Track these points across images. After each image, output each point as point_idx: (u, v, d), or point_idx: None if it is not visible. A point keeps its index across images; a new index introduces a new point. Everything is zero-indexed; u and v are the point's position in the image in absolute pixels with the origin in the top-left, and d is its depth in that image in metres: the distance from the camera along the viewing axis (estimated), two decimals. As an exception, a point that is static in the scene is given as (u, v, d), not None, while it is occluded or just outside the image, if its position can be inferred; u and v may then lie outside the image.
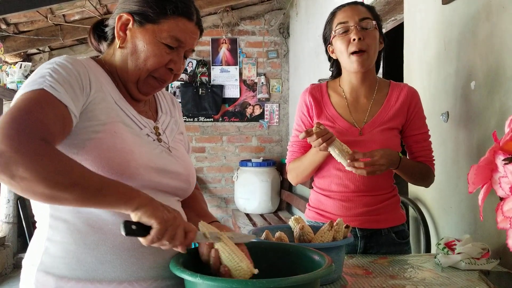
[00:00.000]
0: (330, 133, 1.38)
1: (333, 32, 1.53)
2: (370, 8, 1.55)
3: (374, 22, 1.50)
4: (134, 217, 0.85)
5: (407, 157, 1.61)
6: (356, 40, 1.46)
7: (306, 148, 1.60)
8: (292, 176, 1.64)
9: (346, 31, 1.49)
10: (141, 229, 0.85)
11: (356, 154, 1.37)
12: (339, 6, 1.56)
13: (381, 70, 2.42)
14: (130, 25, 1.04)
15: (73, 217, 0.94)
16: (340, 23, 1.50)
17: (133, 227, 0.84)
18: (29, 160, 0.78)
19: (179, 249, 0.90)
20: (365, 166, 1.37)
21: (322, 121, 1.57)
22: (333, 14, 1.56)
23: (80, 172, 0.83)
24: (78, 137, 0.93)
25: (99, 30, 1.13)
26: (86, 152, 0.92)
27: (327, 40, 1.59)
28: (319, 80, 1.74)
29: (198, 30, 1.09)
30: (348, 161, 1.37)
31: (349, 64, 1.51)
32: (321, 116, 1.58)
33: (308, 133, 1.37)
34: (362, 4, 1.55)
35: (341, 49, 1.51)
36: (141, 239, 0.86)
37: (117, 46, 1.05)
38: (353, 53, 1.48)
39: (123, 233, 0.83)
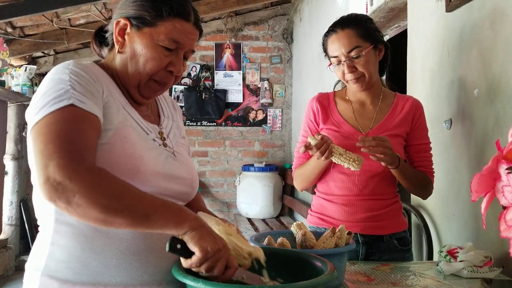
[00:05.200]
0: (328, 142, 1.38)
1: (330, 60, 1.56)
2: (358, 25, 1.50)
3: (363, 49, 1.48)
4: (181, 238, 0.88)
5: None
6: (349, 74, 1.51)
7: None
8: (298, 182, 1.66)
9: (339, 63, 1.52)
10: (185, 250, 0.87)
11: (365, 138, 1.40)
12: (329, 31, 1.54)
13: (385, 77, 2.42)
14: (128, 30, 1.04)
15: (78, 221, 0.94)
16: (332, 56, 1.53)
17: (178, 246, 0.87)
18: (83, 187, 0.82)
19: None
20: (375, 144, 1.37)
21: (328, 126, 1.59)
22: (324, 41, 1.57)
23: (132, 196, 0.86)
24: None
25: (100, 36, 1.14)
26: (98, 157, 0.92)
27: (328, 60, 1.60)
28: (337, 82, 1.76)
29: (196, 30, 1.08)
30: (359, 144, 1.39)
31: (350, 87, 1.58)
32: (327, 122, 1.60)
33: (307, 147, 1.40)
34: (349, 23, 1.51)
35: (339, 76, 1.57)
36: (181, 259, 0.89)
37: (117, 51, 1.06)
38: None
39: (167, 249, 0.85)
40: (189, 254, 0.87)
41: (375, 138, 1.39)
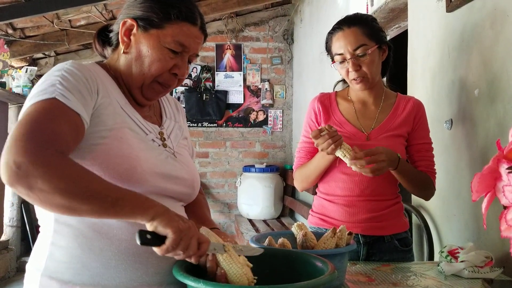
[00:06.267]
0: (339, 136, 1.38)
1: (333, 58, 1.55)
2: (364, 24, 1.50)
3: (368, 47, 1.48)
4: (150, 227, 0.86)
5: None
6: (353, 72, 1.50)
7: (312, 153, 1.61)
8: (298, 182, 1.65)
9: (343, 61, 1.51)
10: (156, 239, 0.86)
11: (358, 153, 1.38)
12: (334, 28, 1.54)
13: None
14: (134, 31, 1.04)
15: (78, 222, 0.94)
16: (337, 54, 1.52)
17: (148, 236, 0.85)
18: (47, 172, 0.79)
19: (192, 260, 0.90)
20: (367, 164, 1.37)
21: None
22: (329, 39, 1.56)
23: (97, 183, 0.84)
24: (85, 142, 0.93)
25: (103, 35, 1.13)
26: (93, 158, 0.92)
27: (331, 58, 1.60)
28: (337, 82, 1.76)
29: (202, 34, 1.09)
30: (351, 160, 1.37)
31: (353, 86, 1.57)
32: (329, 122, 1.60)
33: (320, 131, 1.38)
34: (356, 22, 1.51)
35: (343, 75, 1.57)
36: (155, 249, 0.87)
37: (122, 52, 1.06)
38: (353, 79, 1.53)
39: (138, 242, 0.84)
40: (161, 241, 0.86)
41: (367, 154, 1.38)
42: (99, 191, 0.83)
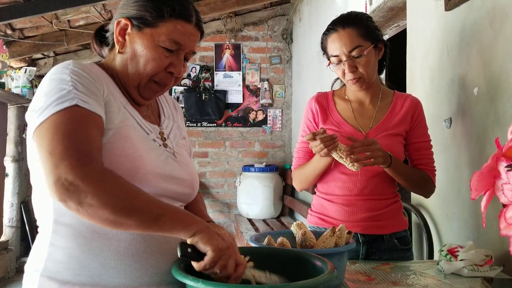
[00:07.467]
0: (333, 140, 1.38)
1: (329, 59, 1.55)
2: (359, 24, 1.49)
3: (364, 48, 1.46)
4: (190, 242, 0.88)
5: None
6: (350, 73, 1.49)
7: (311, 154, 1.60)
8: (297, 183, 1.65)
9: (339, 62, 1.50)
10: (196, 254, 0.88)
11: (355, 142, 1.38)
12: (329, 29, 1.52)
13: (383, 76, 2.42)
14: (128, 30, 1.04)
15: (77, 222, 0.94)
16: (332, 56, 1.51)
17: (189, 250, 0.87)
18: (96, 188, 0.82)
19: (229, 282, 0.90)
20: (365, 159, 1.37)
21: (327, 126, 1.58)
22: (324, 39, 1.55)
23: (141, 198, 0.86)
24: None
25: (100, 35, 1.13)
26: None
27: (327, 59, 1.60)
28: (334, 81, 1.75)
29: (198, 31, 1.07)
30: (351, 162, 1.37)
31: (349, 87, 1.57)
32: (327, 122, 1.60)
33: (314, 135, 1.38)
34: (350, 22, 1.49)
35: (339, 75, 1.56)
36: (193, 264, 0.89)
37: (117, 51, 1.05)
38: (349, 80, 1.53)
39: (178, 254, 0.86)
40: (199, 257, 0.88)
41: (363, 143, 1.38)
42: (143, 206, 0.85)
